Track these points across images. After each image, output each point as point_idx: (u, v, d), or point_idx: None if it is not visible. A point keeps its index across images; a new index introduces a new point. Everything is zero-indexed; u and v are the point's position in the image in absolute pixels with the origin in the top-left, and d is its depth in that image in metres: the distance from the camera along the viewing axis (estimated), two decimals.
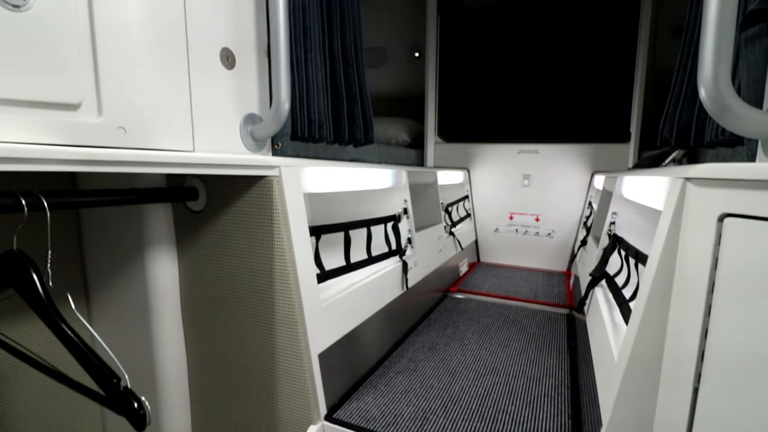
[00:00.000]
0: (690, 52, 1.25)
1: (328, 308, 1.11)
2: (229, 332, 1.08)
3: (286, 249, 0.98)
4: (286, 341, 1.00)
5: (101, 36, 0.75)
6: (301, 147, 1.40)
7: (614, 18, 2.74)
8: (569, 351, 1.58)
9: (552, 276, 2.74)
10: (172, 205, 1.11)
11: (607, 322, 1.08)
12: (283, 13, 1.02)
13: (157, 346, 1.09)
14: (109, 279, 1.11)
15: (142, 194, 0.93)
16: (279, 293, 1.00)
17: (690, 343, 0.65)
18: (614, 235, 1.41)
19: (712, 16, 0.70)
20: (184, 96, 0.91)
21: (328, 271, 1.19)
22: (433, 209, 2.31)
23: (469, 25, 3.15)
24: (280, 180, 0.97)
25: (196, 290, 1.11)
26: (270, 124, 1.10)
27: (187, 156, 0.81)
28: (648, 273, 0.76)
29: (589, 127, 2.82)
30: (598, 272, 1.36)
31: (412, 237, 1.82)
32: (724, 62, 0.68)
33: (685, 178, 0.71)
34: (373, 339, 1.42)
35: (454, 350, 1.56)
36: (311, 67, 1.30)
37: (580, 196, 2.83)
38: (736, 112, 0.69)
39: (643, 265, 0.97)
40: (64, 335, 0.64)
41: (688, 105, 1.24)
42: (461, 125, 3.15)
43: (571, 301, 2.18)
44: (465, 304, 2.15)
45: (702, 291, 0.64)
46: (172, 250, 1.10)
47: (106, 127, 0.76)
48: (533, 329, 1.80)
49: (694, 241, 0.68)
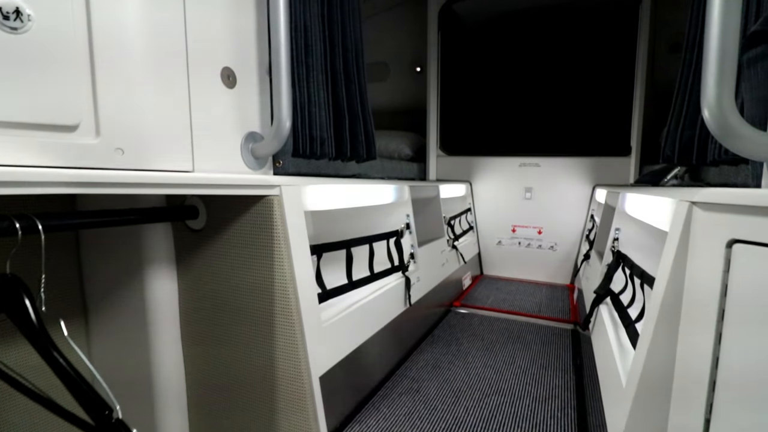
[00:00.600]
0: (690, 70, 1.25)
1: (330, 329, 1.09)
2: (228, 355, 1.06)
3: (286, 269, 0.96)
4: (287, 364, 0.98)
5: (100, 57, 0.75)
6: (303, 163, 1.39)
7: (613, 33, 2.77)
8: (575, 369, 1.55)
9: (555, 289, 2.71)
10: (172, 224, 1.10)
11: (613, 342, 1.05)
12: (284, 33, 1.02)
13: (155, 366, 1.07)
14: (108, 299, 1.09)
15: (141, 214, 0.92)
16: (279, 315, 0.98)
17: (701, 371, 0.63)
18: (618, 252, 1.39)
19: (714, 37, 0.69)
20: (183, 116, 0.91)
21: (330, 290, 1.17)
22: (435, 223, 2.29)
23: (470, 40, 3.19)
24: (280, 199, 0.96)
25: (195, 311, 1.09)
26: (271, 142, 1.09)
27: (185, 176, 0.80)
28: (655, 297, 0.74)
29: (590, 140, 2.84)
30: (603, 290, 1.34)
31: (415, 252, 1.80)
32: (727, 84, 0.67)
33: (691, 202, 0.70)
34: (376, 358, 1.40)
35: (458, 369, 1.53)
36: (313, 85, 1.30)
37: (581, 209, 2.81)
38: (740, 134, 0.68)
39: (650, 286, 0.95)
40: (55, 363, 0.62)
41: (689, 123, 1.24)
42: (463, 138, 3.16)
43: (575, 316, 2.15)
44: (469, 319, 2.12)
45: (712, 318, 0.62)
46: (171, 269, 1.09)
47: (104, 148, 0.75)
48: (538, 346, 1.77)
49: (702, 266, 0.66)
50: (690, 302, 0.68)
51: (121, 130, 0.78)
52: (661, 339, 0.71)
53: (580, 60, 2.94)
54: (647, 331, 0.73)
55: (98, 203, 1.03)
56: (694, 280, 0.68)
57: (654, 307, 0.73)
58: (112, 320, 1.10)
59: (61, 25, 0.71)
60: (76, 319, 1.11)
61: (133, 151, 0.80)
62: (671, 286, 0.70)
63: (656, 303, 0.72)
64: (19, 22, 0.68)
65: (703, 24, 1.21)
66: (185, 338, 1.12)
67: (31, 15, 0.69)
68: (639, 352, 0.76)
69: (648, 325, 0.74)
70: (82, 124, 0.73)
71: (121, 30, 0.79)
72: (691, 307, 0.68)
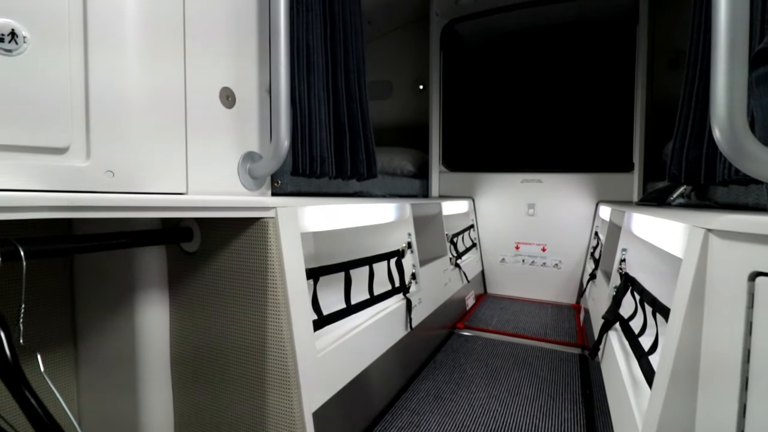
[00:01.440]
0: (693, 87, 1.23)
1: (325, 359, 1.04)
2: (217, 387, 1.01)
3: (280, 295, 0.92)
4: (278, 399, 0.93)
5: (95, 77, 0.73)
6: (303, 182, 1.37)
7: (611, 50, 2.80)
8: (584, 400, 1.48)
9: (561, 309, 2.65)
10: (166, 246, 1.07)
11: (625, 375, 1.00)
12: (284, 52, 1.01)
13: (143, 404, 1.02)
14: (98, 325, 1.05)
15: (134, 237, 0.88)
16: (271, 345, 0.93)
17: (726, 423, 0.57)
18: (626, 275, 1.35)
19: (722, 56, 0.67)
20: (178, 138, 0.88)
21: (327, 316, 1.12)
22: (438, 241, 2.25)
23: (471, 59, 3.22)
24: (276, 222, 0.93)
25: (186, 341, 1.04)
26: (269, 162, 1.07)
27: (177, 199, 0.77)
28: (671, 337, 0.69)
29: (592, 156, 2.83)
30: (611, 315, 1.29)
31: (417, 272, 1.76)
32: (738, 103, 0.65)
33: (708, 229, 0.65)
34: (374, 388, 1.34)
35: (461, 399, 1.47)
36: (314, 103, 1.29)
37: (585, 226, 2.78)
38: (754, 155, 0.65)
39: (662, 315, 0.90)
40: (26, 404, 0.58)
41: (695, 142, 1.21)
42: (465, 155, 3.16)
43: (582, 338, 2.09)
44: (472, 342, 2.06)
45: (736, 360, 0.57)
46: (163, 294, 1.05)
47: (94, 170, 0.73)
48: (545, 372, 1.70)
49: (722, 300, 0.62)
50: (710, 343, 0.63)
51: (112, 153, 0.75)
52: (680, 384, 0.65)
53: (579, 77, 2.96)
54: (663, 373, 0.68)
55: (94, 227, 1.00)
56: (714, 317, 0.63)
57: (670, 346, 0.68)
58: (101, 348, 1.05)
59: (57, 46, 0.69)
60: (65, 347, 1.06)
61: (124, 173, 0.77)
62: (688, 323, 0.65)
63: (672, 344, 0.67)
64: (14, 44, 0.66)
65: (704, 41, 1.19)
66: (174, 371, 1.06)
67: (26, 37, 0.67)
68: (655, 397, 0.70)
69: (664, 367, 0.69)
70: (72, 145, 0.71)
71: (119, 50, 0.77)
72: (713, 348, 0.63)
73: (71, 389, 1.07)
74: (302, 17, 1.23)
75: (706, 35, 1.18)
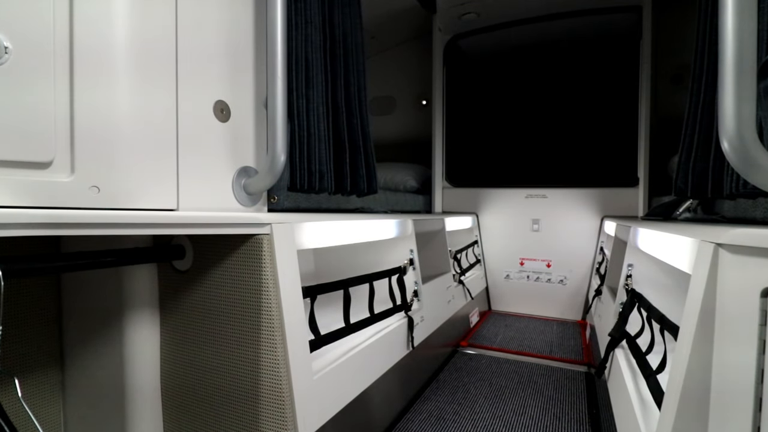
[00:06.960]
0: (699, 100, 1.21)
1: (322, 381, 1.00)
2: (209, 413, 0.96)
3: (274, 315, 0.89)
4: (272, 423, 0.88)
5: (80, 88, 0.72)
6: (302, 198, 1.34)
7: (615, 66, 2.81)
8: (591, 420, 1.42)
9: (566, 326, 2.59)
10: (158, 264, 1.04)
11: (633, 394, 0.95)
12: (281, 65, 0.99)
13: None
14: (86, 348, 1.01)
15: (122, 255, 0.86)
16: (265, 367, 0.89)
17: None
18: (632, 291, 1.31)
19: (730, 68, 0.65)
20: (168, 152, 0.86)
21: (324, 336, 1.08)
22: (441, 257, 2.21)
23: (474, 74, 3.23)
24: (270, 238, 0.90)
25: (176, 364, 0.99)
26: (265, 177, 1.04)
27: (166, 215, 0.75)
28: (680, 355, 0.65)
29: (596, 171, 2.82)
30: (618, 332, 1.24)
31: (419, 289, 1.72)
32: (747, 115, 0.63)
33: (717, 244, 0.62)
34: (374, 410, 1.29)
35: (464, 420, 1.41)
36: (313, 117, 1.27)
37: (590, 242, 2.74)
38: (764, 168, 0.63)
39: (670, 332, 0.87)
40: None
41: (701, 155, 1.19)
42: (468, 170, 3.14)
43: (588, 356, 2.03)
44: (476, 361, 2.00)
45: (749, 380, 0.53)
46: (154, 313, 1.01)
47: (78, 186, 0.70)
48: (550, 392, 1.64)
49: (734, 318, 0.58)
50: (722, 365, 0.59)
51: (98, 167, 0.73)
52: (692, 408, 0.61)
53: (583, 92, 2.96)
54: (673, 396, 0.64)
55: (84, 244, 0.97)
56: (726, 336, 0.59)
57: (680, 369, 0.64)
58: (88, 370, 1.01)
59: (39, 57, 0.68)
60: (50, 371, 1.02)
61: (110, 189, 0.75)
62: (699, 342, 0.62)
63: (681, 366, 0.63)
64: None
65: (710, 53, 1.17)
66: (165, 396, 1.02)
67: (8, 47, 0.66)
68: (665, 419, 0.66)
69: (673, 390, 0.65)
70: (55, 160, 0.69)
71: (107, 60, 0.76)
72: (725, 371, 0.59)
73: (57, 417, 1.03)
74: (301, 30, 1.23)
75: (711, 47, 1.17)
